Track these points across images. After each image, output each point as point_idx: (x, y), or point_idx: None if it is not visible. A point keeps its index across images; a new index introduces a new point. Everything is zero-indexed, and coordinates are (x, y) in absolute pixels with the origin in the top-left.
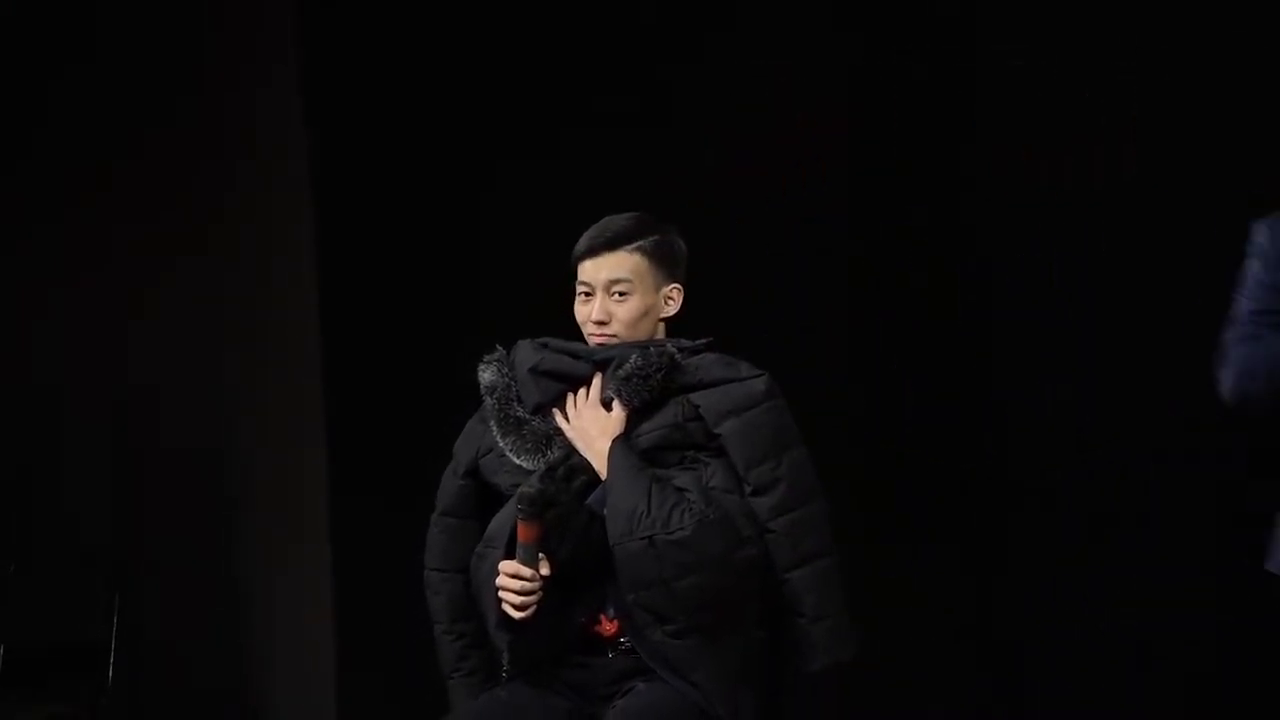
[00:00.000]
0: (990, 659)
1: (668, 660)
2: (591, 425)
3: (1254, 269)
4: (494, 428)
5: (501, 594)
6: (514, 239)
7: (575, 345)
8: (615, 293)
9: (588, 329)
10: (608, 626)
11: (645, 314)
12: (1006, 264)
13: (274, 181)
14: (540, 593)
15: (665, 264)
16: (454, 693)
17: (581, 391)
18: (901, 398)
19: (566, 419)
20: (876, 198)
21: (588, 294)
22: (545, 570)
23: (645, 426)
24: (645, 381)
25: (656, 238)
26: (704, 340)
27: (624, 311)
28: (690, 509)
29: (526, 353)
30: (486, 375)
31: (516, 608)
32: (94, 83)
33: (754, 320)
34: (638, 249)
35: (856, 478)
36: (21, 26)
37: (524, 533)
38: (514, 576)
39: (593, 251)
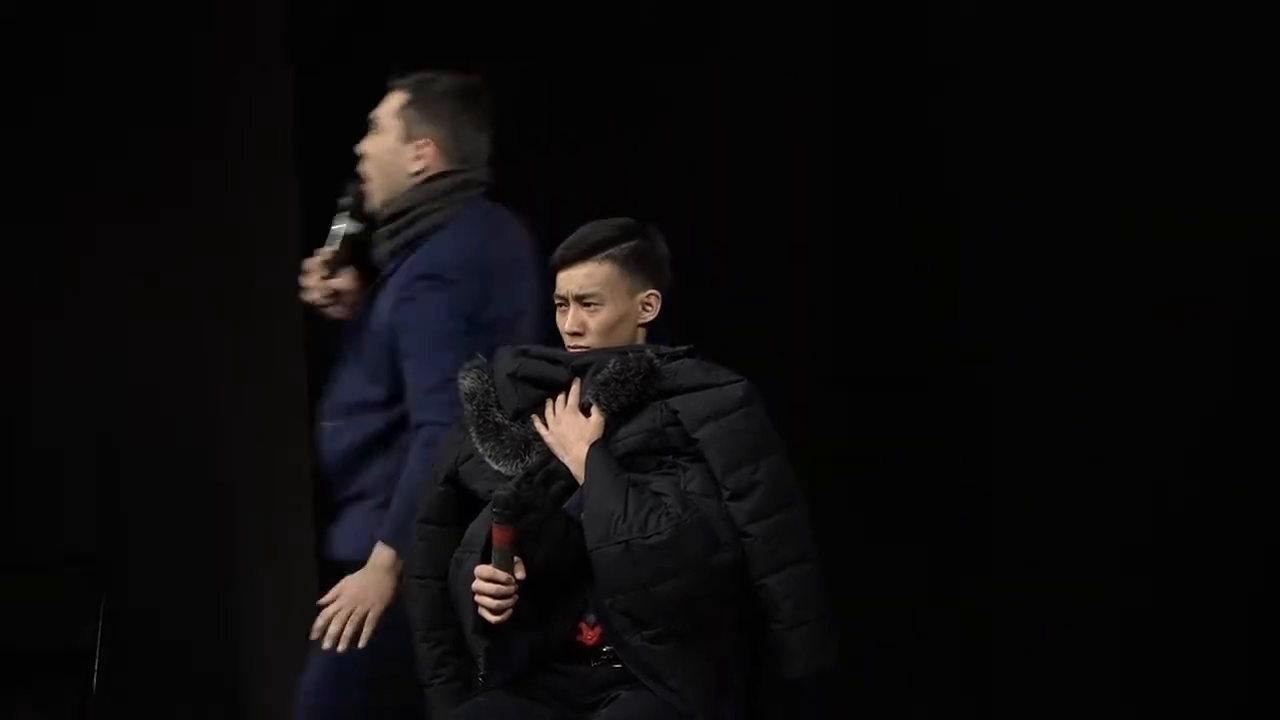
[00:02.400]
0: (974, 663)
1: (646, 665)
2: (569, 430)
3: None
4: (473, 434)
5: (477, 598)
6: None
7: (555, 351)
8: (586, 303)
9: (565, 339)
10: (589, 634)
11: (619, 322)
12: (998, 267)
13: (261, 183)
14: (516, 597)
15: (640, 270)
16: (432, 700)
17: (560, 397)
18: (890, 402)
19: (545, 424)
20: (865, 202)
21: (563, 305)
22: (520, 574)
23: (623, 432)
24: (623, 386)
25: (631, 244)
26: (684, 347)
27: (596, 322)
28: (667, 513)
29: (506, 359)
30: (467, 382)
31: (492, 612)
32: (84, 83)
33: (743, 324)
34: (608, 258)
35: (846, 479)
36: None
37: (499, 537)
38: (489, 580)
39: (565, 263)
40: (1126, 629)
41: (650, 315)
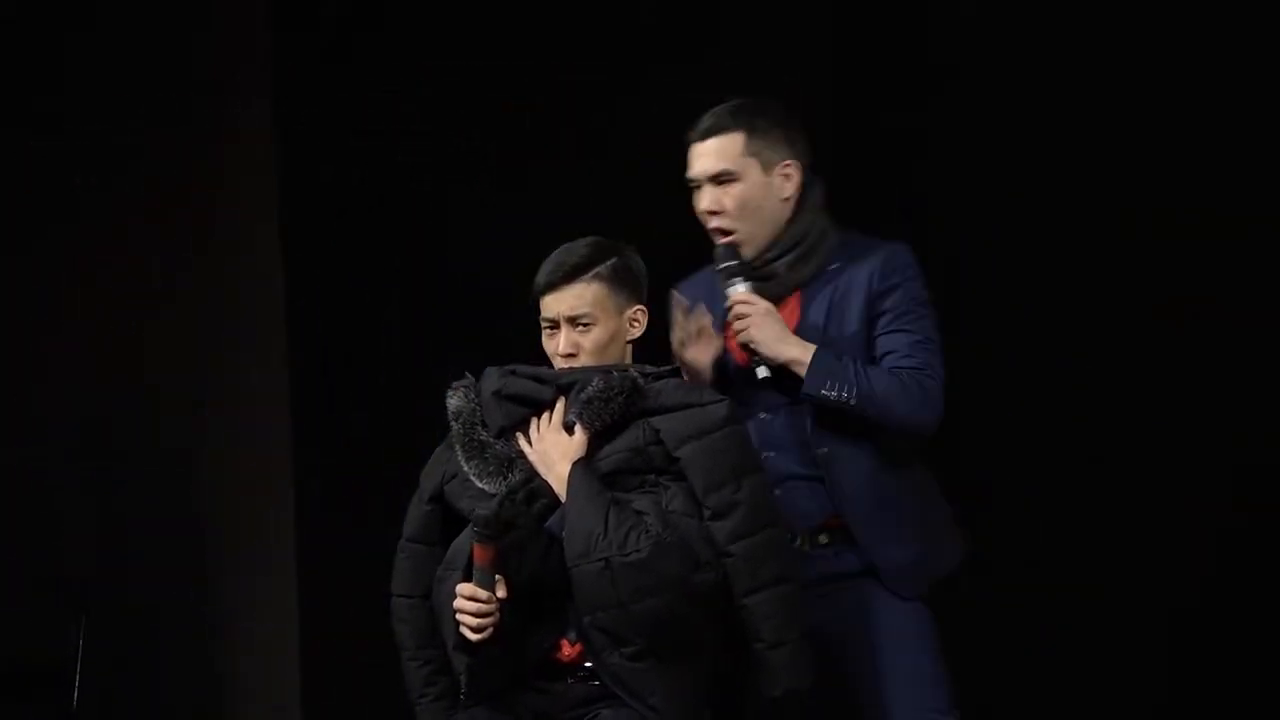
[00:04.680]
0: (974, 663)
1: (625, 683)
2: (553, 448)
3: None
4: (459, 452)
5: (458, 616)
6: (486, 262)
7: (541, 370)
8: (579, 324)
9: (556, 362)
10: (568, 651)
11: (611, 340)
12: (998, 267)
13: (245, 199)
14: (497, 615)
15: (625, 288)
16: (420, 718)
17: (545, 415)
18: None
19: (529, 443)
20: (865, 202)
21: (552, 328)
22: (502, 592)
23: (606, 450)
24: (606, 405)
25: (614, 262)
26: (668, 367)
27: (589, 342)
28: (647, 532)
29: (492, 378)
30: (454, 401)
31: (473, 630)
32: (77, 85)
33: None
34: (595, 277)
35: None
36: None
37: (480, 555)
38: (470, 599)
39: (552, 286)
40: (1126, 629)
41: (638, 331)
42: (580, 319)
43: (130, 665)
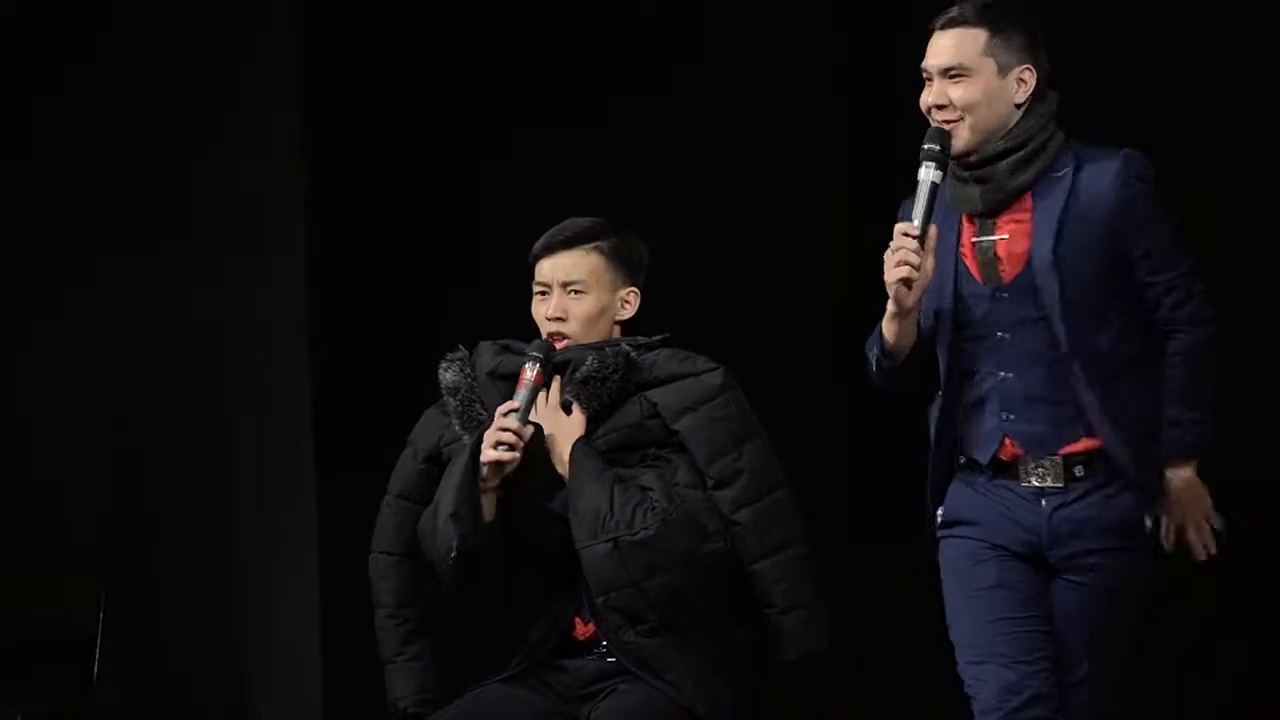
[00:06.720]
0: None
1: (642, 660)
2: (553, 430)
3: None
4: (457, 426)
5: (495, 433)
6: (501, 239)
7: (536, 343)
8: (571, 290)
9: (544, 327)
10: (583, 630)
11: (601, 314)
12: None
13: (267, 183)
14: (521, 448)
15: (623, 266)
16: (393, 677)
17: (541, 395)
18: (891, 402)
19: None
20: (865, 202)
21: (544, 292)
22: (530, 430)
23: (605, 427)
24: (603, 384)
25: (614, 239)
26: (659, 337)
27: (580, 309)
28: (653, 508)
29: (487, 356)
30: (449, 375)
31: (501, 446)
32: (91, 82)
33: (743, 323)
34: (595, 249)
35: (846, 479)
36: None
37: (526, 375)
38: (505, 415)
39: (550, 250)
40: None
41: (628, 313)
42: (573, 285)
43: (152, 635)
